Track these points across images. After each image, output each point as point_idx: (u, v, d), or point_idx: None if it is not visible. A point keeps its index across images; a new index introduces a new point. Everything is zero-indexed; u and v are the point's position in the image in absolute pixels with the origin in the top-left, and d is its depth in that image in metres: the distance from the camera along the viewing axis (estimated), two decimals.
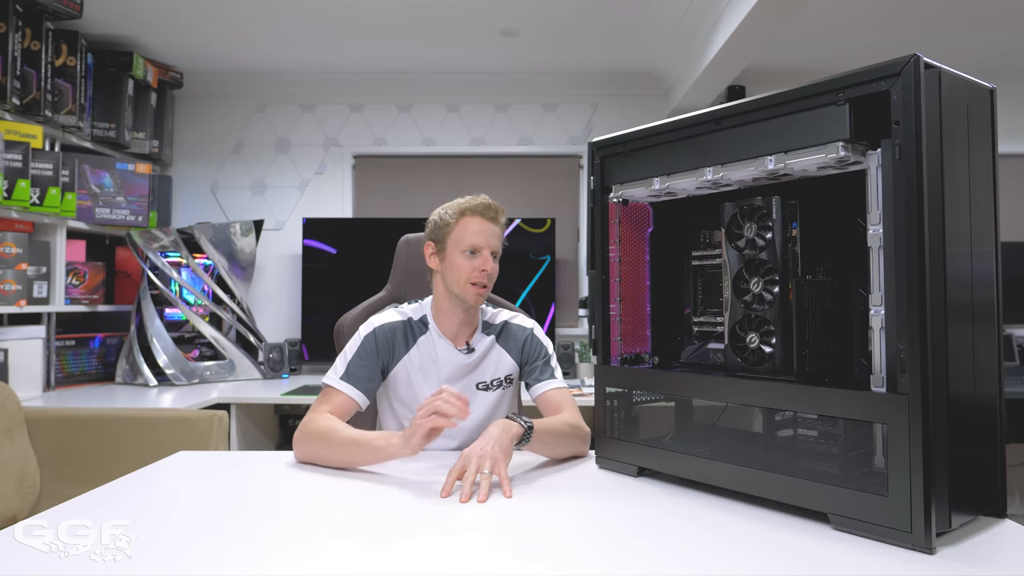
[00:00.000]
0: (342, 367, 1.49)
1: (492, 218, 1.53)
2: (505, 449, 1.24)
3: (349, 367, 1.48)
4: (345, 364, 1.49)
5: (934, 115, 0.93)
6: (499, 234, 1.55)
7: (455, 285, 1.52)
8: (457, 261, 1.51)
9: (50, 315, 2.89)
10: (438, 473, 1.27)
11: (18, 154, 2.61)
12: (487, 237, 1.51)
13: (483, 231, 1.51)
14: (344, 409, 1.45)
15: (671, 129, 1.24)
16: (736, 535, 0.99)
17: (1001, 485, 1.02)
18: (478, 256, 1.51)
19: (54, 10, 2.69)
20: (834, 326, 1.13)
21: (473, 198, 1.55)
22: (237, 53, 3.39)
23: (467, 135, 3.75)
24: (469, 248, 1.50)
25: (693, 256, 1.35)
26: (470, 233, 1.51)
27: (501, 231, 1.56)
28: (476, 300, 1.52)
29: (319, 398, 1.47)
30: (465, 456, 1.22)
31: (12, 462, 2.04)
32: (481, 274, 1.50)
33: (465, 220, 1.52)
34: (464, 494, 1.14)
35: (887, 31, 3.10)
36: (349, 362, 1.49)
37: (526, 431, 1.30)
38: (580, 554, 0.92)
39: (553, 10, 2.88)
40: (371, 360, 1.50)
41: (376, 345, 1.51)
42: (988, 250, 1.01)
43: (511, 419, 1.31)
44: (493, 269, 1.53)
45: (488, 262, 1.51)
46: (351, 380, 1.47)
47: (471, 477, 1.17)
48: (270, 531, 1.01)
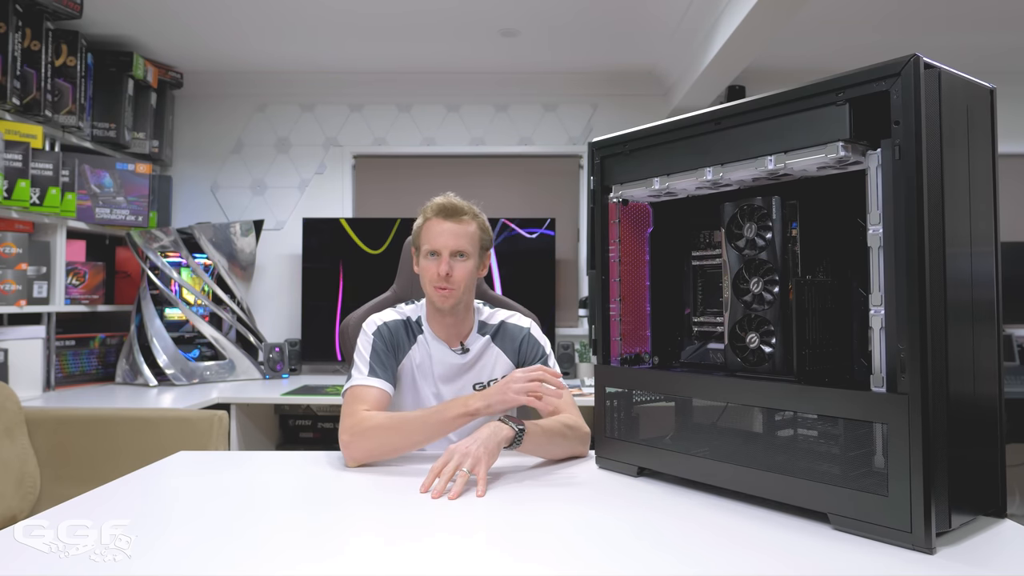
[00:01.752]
0: (364, 366, 1.47)
1: (453, 218, 1.50)
2: (490, 451, 1.24)
3: (371, 363, 1.47)
4: (366, 363, 1.48)
5: (934, 115, 0.93)
6: (465, 232, 1.50)
7: (425, 287, 1.52)
8: (423, 264, 1.52)
9: (50, 315, 2.89)
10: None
11: (18, 154, 2.61)
12: (446, 238, 1.49)
13: (443, 232, 1.49)
14: (380, 403, 1.43)
15: (671, 129, 1.24)
16: (736, 535, 0.99)
17: (1001, 485, 1.02)
18: (437, 258, 1.49)
19: (54, 10, 2.69)
20: (834, 326, 1.13)
21: (438, 199, 1.53)
22: (237, 53, 3.39)
23: (467, 135, 3.75)
24: (430, 250, 1.50)
25: (693, 256, 1.35)
26: (431, 235, 1.50)
27: (471, 229, 1.52)
28: (441, 302, 1.50)
29: (349, 401, 1.42)
30: (449, 452, 1.23)
31: (12, 462, 2.04)
32: (438, 277, 1.48)
33: (428, 223, 1.52)
34: (436, 490, 1.15)
35: (887, 31, 3.10)
36: (369, 359, 1.48)
37: (517, 434, 1.29)
38: (580, 554, 0.92)
39: (553, 10, 2.88)
40: (387, 352, 1.50)
41: (385, 340, 1.51)
42: (988, 250, 1.01)
43: (503, 421, 1.30)
44: (456, 270, 1.48)
45: (443, 264, 1.47)
46: (376, 374, 1.46)
47: (448, 473, 1.18)
48: (270, 531, 1.01)
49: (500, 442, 1.27)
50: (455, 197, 1.54)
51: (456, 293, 1.50)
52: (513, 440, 1.29)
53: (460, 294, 1.50)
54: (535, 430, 1.34)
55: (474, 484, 1.19)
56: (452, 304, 1.51)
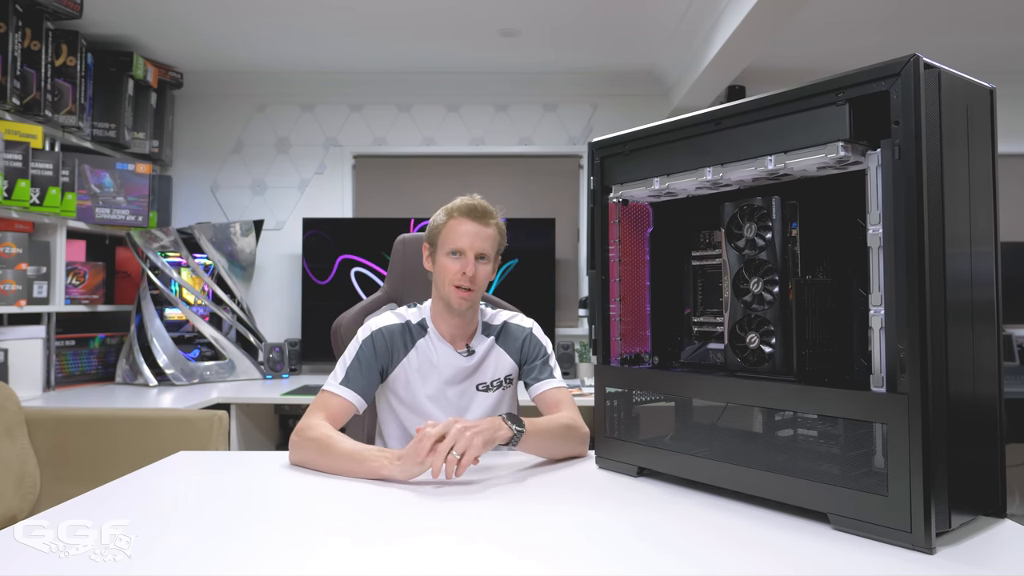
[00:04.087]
0: (341, 372, 1.48)
1: (480, 220, 1.51)
2: (486, 440, 1.24)
3: (348, 372, 1.48)
4: (344, 369, 1.48)
5: (934, 115, 0.93)
6: (489, 236, 1.51)
7: (441, 287, 1.52)
8: (442, 262, 1.51)
9: (50, 315, 2.89)
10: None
11: (18, 154, 2.61)
12: (472, 239, 1.49)
13: (469, 233, 1.49)
14: (341, 413, 1.44)
15: (671, 129, 1.24)
16: (736, 535, 0.99)
17: (1001, 485, 1.02)
18: (461, 258, 1.49)
19: (54, 10, 2.69)
20: (834, 326, 1.13)
21: (464, 199, 1.53)
22: (237, 53, 3.39)
23: (467, 135, 3.75)
24: (453, 250, 1.50)
25: (693, 256, 1.35)
26: (456, 235, 1.50)
27: (494, 233, 1.53)
28: (459, 303, 1.50)
29: (316, 401, 1.45)
30: (447, 425, 1.22)
31: (12, 462, 2.04)
32: (462, 277, 1.48)
33: (453, 221, 1.51)
34: (435, 469, 1.18)
35: (887, 31, 3.10)
36: (348, 367, 1.49)
37: (515, 435, 1.29)
38: (580, 554, 0.92)
39: (553, 10, 2.88)
40: (370, 364, 1.50)
41: (374, 349, 1.51)
42: (988, 250, 1.01)
43: (504, 421, 1.30)
44: (479, 272, 1.50)
45: (469, 265, 1.48)
46: (349, 384, 1.46)
47: (443, 453, 1.18)
48: (270, 531, 1.01)
49: (495, 440, 1.27)
50: (481, 199, 1.54)
51: (476, 295, 1.51)
52: (510, 440, 1.29)
53: (477, 296, 1.52)
54: (534, 430, 1.34)
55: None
56: (468, 305, 1.51)
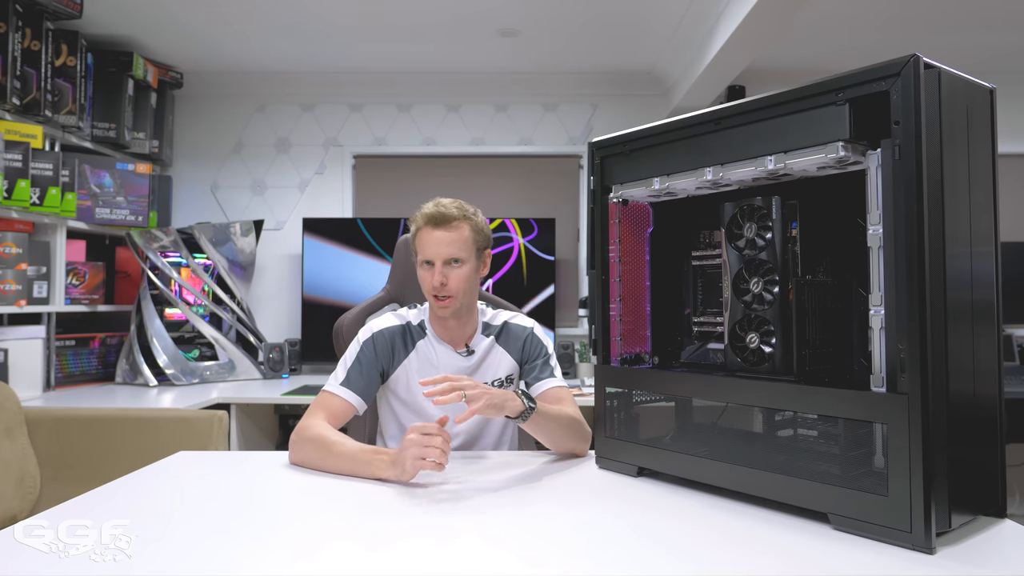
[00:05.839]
0: (342, 373, 1.49)
1: (444, 226, 1.47)
2: (495, 406, 1.26)
3: (349, 373, 1.48)
4: (345, 370, 1.49)
5: (934, 115, 0.93)
6: (456, 239, 1.47)
7: (425, 295, 1.53)
8: (419, 272, 1.52)
9: (50, 315, 2.89)
10: (437, 475, 1.27)
11: (18, 154, 2.61)
12: (438, 247, 1.47)
13: (433, 241, 1.47)
14: (341, 414, 1.45)
15: (671, 129, 1.24)
16: (736, 535, 0.99)
17: (1001, 485, 1.02)
18: (432, 268, 1.48)
19: (54, 10, 2.69)
20: (834, 326, 1.13)
21: (427, 206, 1.49)
22: (237, 53, 3.39)
23: (467, 135, 3.75)
24: (423, 260, 1.49)
25: (693, 256, 1.35)
26: (422, 245, 1.49)
27: (464, 234, 1.48)
28: (440, 311, 1.50)
29: (316, 402, 1.46)
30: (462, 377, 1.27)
31: (12, 462, 2.04)
32: (436, 287, 1.47)
33: (420, 232, 1.50)
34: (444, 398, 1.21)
35: (887, 31, 3.10)
36: (349, 368, 1.49)
37: (526, 410, 1.31)
38: (580, 554, 0.92)
39: (553, 10, 2.88)
40: (370, 365, 1.50)
41: (375, 350, 1.51)
42: (988, 250, 1.01)
43: (519, 395, 1.32)
44: (453, 277, 1.47)
45: (437, 274, 1.46)
46: (349, 385, 1.47)
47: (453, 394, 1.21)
48: (270, 531, 1.01)
49: (504, 409, 1.29)
50: (445, 202, 1.50)
51: (454, 301, 1.49)
52: (521, 414, 1.31)
53: (459, 300, 1.50)
54: (544, 412, 1.36)
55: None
56: (452, 311, 1.51)
